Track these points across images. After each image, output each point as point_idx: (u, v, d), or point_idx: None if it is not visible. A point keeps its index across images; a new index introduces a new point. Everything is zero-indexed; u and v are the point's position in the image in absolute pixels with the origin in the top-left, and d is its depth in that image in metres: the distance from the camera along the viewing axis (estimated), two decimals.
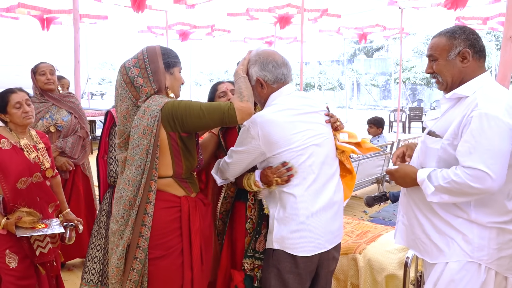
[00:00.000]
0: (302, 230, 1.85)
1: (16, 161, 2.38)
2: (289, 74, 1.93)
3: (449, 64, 1.77)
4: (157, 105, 1.77)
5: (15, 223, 2.30)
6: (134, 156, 1.78)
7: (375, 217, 5.33)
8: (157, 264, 1.81)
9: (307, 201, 1.86)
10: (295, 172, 1.83)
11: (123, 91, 1.85)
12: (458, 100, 1.77)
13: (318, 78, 28.99)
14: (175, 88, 1.93)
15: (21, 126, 2.47)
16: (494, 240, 1.70)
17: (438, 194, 1.66)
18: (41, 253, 2.48)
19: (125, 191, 1.80)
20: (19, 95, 2.45)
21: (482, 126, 1.59)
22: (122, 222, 1.80)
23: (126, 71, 1.84)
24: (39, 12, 10.39)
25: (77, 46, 5.54)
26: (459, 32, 1.76)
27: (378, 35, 15.22)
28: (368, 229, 3.13)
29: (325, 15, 11.47)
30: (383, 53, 35.48)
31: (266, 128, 1.81)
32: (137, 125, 1.78)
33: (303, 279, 1.91)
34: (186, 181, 1.90)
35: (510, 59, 2.54)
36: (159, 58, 1.85)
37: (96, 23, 12.31)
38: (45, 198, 2.55)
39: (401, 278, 2.45)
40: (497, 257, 1.72)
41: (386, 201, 4.54)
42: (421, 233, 1.84)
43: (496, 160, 1.57)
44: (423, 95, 27.91)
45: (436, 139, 1.76)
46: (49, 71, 3.34)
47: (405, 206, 1.93)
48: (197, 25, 13.74)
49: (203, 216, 1.94)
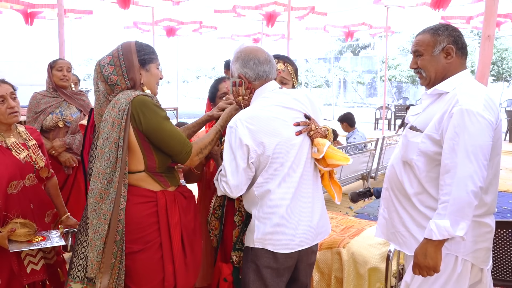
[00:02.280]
0: (283, 227, 1.85)
1: (4, 163, 2.08)
2: (271, 71, 1.92)
3: (433, 59, 1.81)
4: (126, 98, 1.76)
5: (7, 237, 1.98)
6: (104, 149, 1.77)
7: (360, 213, 5.42)
8: (135, 258, 1.81)
9: (285, 198, 1.85)
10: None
11: (98, 89, 1.84)
12: (439, 96, 1.83)
13: (305, 76, 29.10)
14: (151, 84, 1.91)
15: (5, 124, 2.15)
16: (470, 233, 1.73)
17: (457, 224, 1.62)
18: (33, 270, 2.14)
19: (95, 184, 1.79)
20: (3, 88, 2.11)
21: (464, 122, 1.64)
22: (93, 215, 1.78)
23: (101, 69, 1.83)
24: (23, 6, 10.21)
25: (62, 41, 5.47)
26: (442, 29, 1.81)
27: (364, 33, 15.38)
28: (352, 224, 3.18)
29: (311, 12, 11.52)
30: (370, 51, 35.74)
31: (249, 122, 1.81)
32: (106, 118, 1.78)
33: (280, 273, 1.92)
34: (161, 175, 1.87)
35: (488, 57, 2.62)
36: (133, 55, 1.84)
37: (81, 18, 12.17)
38: (41, 205, 2.24)
39: (384, 271, 2.50)
40: (472, 250, 1.76)
41: (370, 197, 4.59)
42: (400, 226, 1.89)
43: (479, 156, 1.62)
44: (409, 93, 28.21)
45: (416, 133, 1.81)
46: (66, 68, 3.39)
47: (386, 200, 1.97)
48: (184, 21, 13.67)
49: (184, 209, 1.93)
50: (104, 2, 9.70)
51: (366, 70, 30.83)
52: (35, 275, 2.15)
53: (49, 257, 2.29)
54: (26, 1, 10.12)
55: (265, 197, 1.86)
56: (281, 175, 1.84)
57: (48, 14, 11.00)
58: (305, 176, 1.91)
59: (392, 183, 1.93)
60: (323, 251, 2.81)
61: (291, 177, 1.86)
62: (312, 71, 30.34)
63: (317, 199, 1.96)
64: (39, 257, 2.19)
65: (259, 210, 1.87)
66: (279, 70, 2.13)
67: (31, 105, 3.29)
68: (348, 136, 6.23)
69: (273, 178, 1.84)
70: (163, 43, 15.18)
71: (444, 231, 1.63)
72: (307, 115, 1.91)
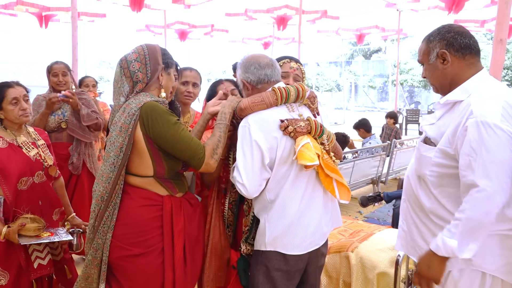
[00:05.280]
0: (294, 229, 1.85)
1: (15, 159, 2.16)
2: (273, 74, 1.92)
3: (431, 68, 1.72)
4: (137, 104, 1.75)
5: (17, 231, 2.03)
6: (109, 153, 1.77)
7: (370, 217, 5.38)
8: (136, 261, 1.79)
9: (295, 199, 1.85)
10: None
11: (122, 85, 1.82)
12: (453, 104, 1.68)
13: (316, 79, 29.01)
14: (168, 87, 1.92)
15: (16, 123, 2.24)
16: (496, 247, 1.61)
17: (464, 246, 1.52)
18: (40, 265, 2.17)
19: (97, 186, 1.79)
20: (17, 90, 2.20)
21: (481, 136, 1.49)
22: (92, 215, 1.79)
23: (128, 64, 1.81)
24: (38, 9, 10.39)
25: (75, 44, 5.56)
26: (435, 33, 1.70)
27: (376, 36, 15.29)
28: (361, 228, 3.16)
29: (324, 17, 11.50)
30: (381, 55, 35.55)
31: (258, 124, 1.82)
32: (116, 122, 1.78)
33: (291, 276, 1.91)
34: (169, 181, 1.86)
35: (500, 61, 2.59)
36: (159, 56, 1.85)
37: (94, 21, 12.33)
38: (49, 202, 2.30)
39: (392, 276, 2.48)
40: (501, 264, 1.62)
41: (380, 201, 4.58)
42: (420, 240, 1.77)
43: (499, 173, 1.47)
44: (421, 98, 27.94)
45: (429, 147, 1.69)
46: (61, 73, 3.36)
47: (404, 212, 1.87)
48: (195, 24, 13.76)
49: (189, 216, 1.91)
50: (117, 5, 9.81)
51: (377, 74, 30.63)
52: (42, 270, 2.18)
53: (55, 254, 2.32)
54: (41, 4, 10.29)
55: (276, 200, 1.86)
56: (291, 176, 1.85)
57: (62, 17, 11.17)
58: (313, 176, 1.91)
59: (409, 195, 1.83)
60: (332, 255, 2.80)
61: (301, 178, 1.87)
62: (323, 74, 30.25)
63: (329, 199, 1.97)
64: (46, 252, 2.22)
65: (269, 214, 1.87)
66: (293, 68, 2.15)
67: (34, 107, 3.29)
68: (364, 142, 6.21)
69: (284, 180, 1.85)
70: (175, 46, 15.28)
71: (450, 251, 1.54)
72: (281, 119, 1.85)
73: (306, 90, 1.94)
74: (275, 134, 1.82)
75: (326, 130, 1.95)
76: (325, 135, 1.93)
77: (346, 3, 14.10)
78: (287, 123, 1.81)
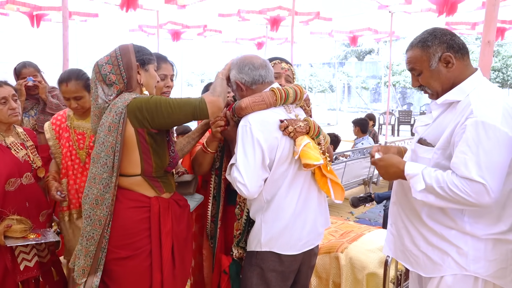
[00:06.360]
0: (290, 230, 1.86)
1: (3, 160, 2.15)
2: (267, 75, 1.93)
3: (434, 74, 1.66)
4: (123, 102, 1.74)
5: (3, 233, 2.03)
6: (100, 154, 1.75)
7: (361, 218, 5.41)
8: (124, 264, 1.78)
9: (292, 200, 1.86)
10: None
11: (96, 90, 1.82)
12: (450, 104, 1.67)
13: (309, 80, 29.06)
14: (150, 85, 1.90)
15: (6, 124, 2.23)
16: (490, 251, 1.61)
17: (425, 193, 1.55)
18: (26, 267, 2.16)
19: (90, 189, 1.76)
20: (5, 90, 2.19)
21: (479, 137, 1.48)
22: (88, 221, 1.76)
23: (99, 68, 1.81)
24: (29, 8, 10.29)
25: (66, 44, 5.50)
26: (431, 38, 1.66)
27: (369, 38, 15.34)
28: (352, 229, 3.17)
29: (317, 18, 11.52)
30: (374, 57, 35.69)
31: (259, 123, 1.83)
32: (103, 122, 1.77)
33: (285, 277, 1.92)
34: (157, 180, 1.85)
35: (488, 63, 2.61)
36: (131, 54, 1.83)
37: (87, 21, 12.23)
38: (36, 204, 2.28)
39: (382, 276, 2.49)
40: (495, 270, 1.63)
41: (371, 202, 4.60)
42: (410, 245, 1.75)
43: (494, 174, 1.46)
44: (413, 99, 28.11)
45: (427, 148, 1.67)
46: (32, 77, 3.17)
47: (393, 215, 1.86)
48: (188, 25, 13.72)
49: (177, 217, 1.90)
50: (110, 5, 9.75)
51: (370, 76, 30.75)
52: (29, 272, 2.17)
53: (42, 255, 2.30)
54: (33, 3, 10.19)
55: (272, 201, 1.87)
56: (289, 176, 1.86)
57: (54, 16, 11.06)
58: (309, 176, 1.92)
59: (400, 198, 1.81)
60: (322, 255, 2.81)
61: (298, 178, 1.88)
62: (317, 75, 30.30)
63: (323, 200, 1.99)
64: (32, 254, 2.21)
65: (265, 214, 1.88)
66: (285, 69, 2.16)
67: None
68: (357, 142, 6.24)
69: (281, 180, 1.86)
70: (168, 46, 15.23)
71: (416, 183, 1.57)
72: (281, 119, 1.87)
73: (304, 92, 1.95)
74: (276, 134, 1.83)
75: (322, 131, 1.97)
76: (321, 135, 1.95)
77: (338, 5, 14.16)
78: (287, 123, 1.83)
